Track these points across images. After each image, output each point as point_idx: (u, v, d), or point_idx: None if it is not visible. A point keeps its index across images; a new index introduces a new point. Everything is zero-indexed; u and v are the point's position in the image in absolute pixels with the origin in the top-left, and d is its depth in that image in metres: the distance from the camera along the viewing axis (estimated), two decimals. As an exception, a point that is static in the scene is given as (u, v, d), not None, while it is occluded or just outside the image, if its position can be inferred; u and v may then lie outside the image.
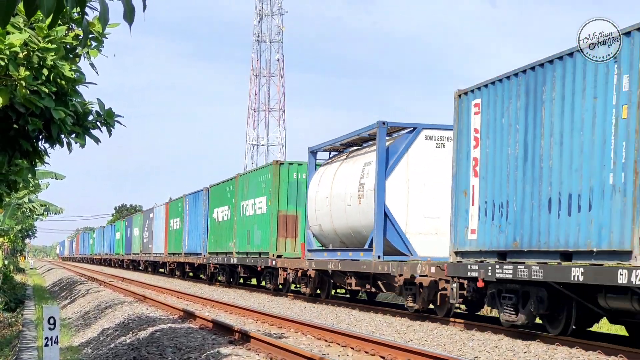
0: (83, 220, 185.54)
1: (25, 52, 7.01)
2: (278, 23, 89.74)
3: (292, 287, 26.64)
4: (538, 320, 14.21)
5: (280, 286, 26.51)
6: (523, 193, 13.51)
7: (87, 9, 6.77)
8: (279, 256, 25.81)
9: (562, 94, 12.63)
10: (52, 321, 9.39)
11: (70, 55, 7.62)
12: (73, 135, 8.05)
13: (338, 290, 26.56)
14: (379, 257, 18.92)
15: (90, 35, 7.55)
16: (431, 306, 17.72)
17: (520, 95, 13.73)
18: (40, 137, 8.12)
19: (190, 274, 40.49)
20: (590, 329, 14.81)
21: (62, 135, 7.93)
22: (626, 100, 11.31)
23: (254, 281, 33.04)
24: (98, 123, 8.20)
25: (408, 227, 18.94)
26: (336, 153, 23.88)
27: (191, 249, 37.78)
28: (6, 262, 38.01)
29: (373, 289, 20.82)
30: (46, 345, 9.42)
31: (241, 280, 33.18)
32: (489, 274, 13.99)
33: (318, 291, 23.74)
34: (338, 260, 21.10)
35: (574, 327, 13.41)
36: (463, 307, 17.75)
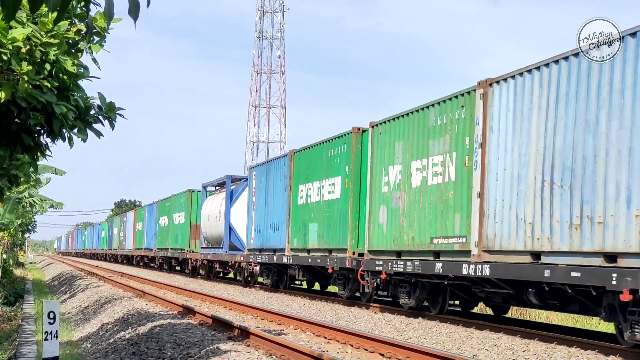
0: (83, 215, 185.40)
1: (28, 47, 7.01)
2: (279, 20, 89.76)
3: (201, 271, 38.34)
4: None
5: (194, 271, 39.19)
6: (265, 221, 27.36)
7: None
8: (191, 251, 38.73)
9: (274, 176, 26.69)
10: (51, 315, 9.40)
11: (73, 50, 7.62)
12: (75, 130, 8.06)
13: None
14: (226, 251, 32.27)
15: (93, 31, 7.55)
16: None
17: (265, 173, 27.92)
18: (42, 131, 8.12)
19: (152, 264, 52.00)
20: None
21: (64, 130, 7.93)
22: (287, 185, 25.09)
23: (185, 270, 43.08)
24: (100, 117, 8.20)
25: (244, 235, 30.85)
26: (218, 187, 36.16)
27: (148, 246, 50.33)
28: (6, 256, 37.97)
29: (231, 270, 33.45)
30: (46, 339, 9.43)
31: (177, 268, 45.47)
32: (257, 259, 27.72)
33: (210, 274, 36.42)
34: (212, 253, 34.53)
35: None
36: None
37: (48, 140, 8.32)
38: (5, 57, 6.82)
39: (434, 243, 16.03)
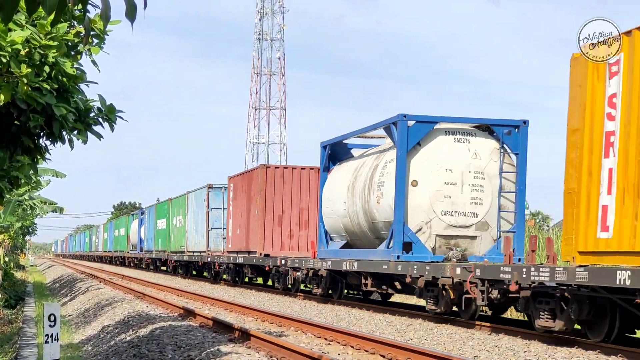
0: (83, 218, 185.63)
1: (27, 49, 7.01)
2: (279, 21, 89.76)
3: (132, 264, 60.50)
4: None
5: (129, 264, 61.22)
6: (150, 236, 52.01)
7: (88, 6, 6.77)
8: (128, 252, 60.90)
9: (153, 214, 50.17)
10: (52, 318, 9.40)
11: (72, 53, 7.62)
12: (75, 132, 8.06)
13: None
14: (139, 252, 55.16)
15: (92, 33, 7.55)
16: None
17: (150, 211, 51.99)
18: (42, 133, 8.12)
19: (111, 262, 73.56)
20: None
21: (64, 132, 7.93)
22: (154, 219, 50.24)
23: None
24: (100, 119, 8.20)
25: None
26: (138, 214, 58.08)
27: (109, 249, 74.79)
28: (6, 259, 38.01)
29: (158, 265, 51.33)
30: (46, 342, 9.42)
31: (126, 264, 63.97)
32: (147, 256, 51.39)
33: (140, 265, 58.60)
34: (133, 253, 57.57)
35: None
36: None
37: (48, 142, 8.32)
38: (4, 60, 6.82)
39: (181, 249, 40.30)
